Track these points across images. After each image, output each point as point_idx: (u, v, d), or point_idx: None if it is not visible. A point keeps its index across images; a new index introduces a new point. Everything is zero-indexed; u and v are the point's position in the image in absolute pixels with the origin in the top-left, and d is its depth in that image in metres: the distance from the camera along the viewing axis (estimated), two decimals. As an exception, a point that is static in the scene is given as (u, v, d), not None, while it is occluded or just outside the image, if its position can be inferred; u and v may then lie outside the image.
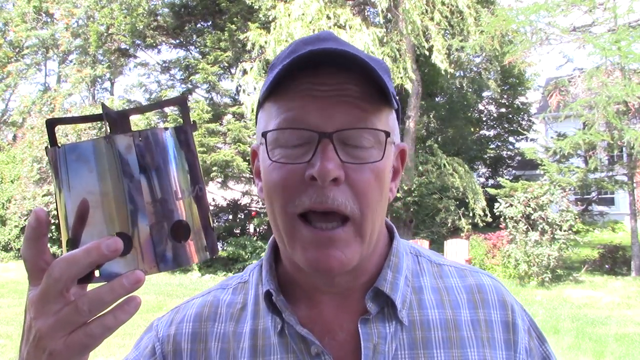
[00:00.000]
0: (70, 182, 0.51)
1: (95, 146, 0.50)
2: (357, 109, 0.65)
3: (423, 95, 16.00)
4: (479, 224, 13.66)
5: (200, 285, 11.48)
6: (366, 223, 0.66)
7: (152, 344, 0.78)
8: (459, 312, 0.75)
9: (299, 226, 0.66)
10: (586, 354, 6.24)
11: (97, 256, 0.47)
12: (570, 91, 12.85)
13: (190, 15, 17.67)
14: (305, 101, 0.65)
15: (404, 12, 12.63)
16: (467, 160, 16.65)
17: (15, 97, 23.68)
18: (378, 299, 0.72)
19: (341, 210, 0.64)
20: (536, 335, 0.81)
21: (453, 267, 0.81)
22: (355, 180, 0.65)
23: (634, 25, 11.99)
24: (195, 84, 17.25)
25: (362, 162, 0.65)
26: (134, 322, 7.02)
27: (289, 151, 0.66)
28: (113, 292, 0.48)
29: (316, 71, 0.65)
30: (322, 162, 0.62)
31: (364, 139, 0.66)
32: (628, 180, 12.19)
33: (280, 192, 0.67)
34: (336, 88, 0.65)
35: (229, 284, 0.82)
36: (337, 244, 0.65)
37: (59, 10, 21.46)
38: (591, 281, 11.21)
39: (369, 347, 0.69)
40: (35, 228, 0.50)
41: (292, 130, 0.65)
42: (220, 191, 15.13)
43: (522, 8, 12.62)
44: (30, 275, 0.51)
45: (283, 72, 0.64)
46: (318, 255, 0.65)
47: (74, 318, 0.48)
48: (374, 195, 0.66)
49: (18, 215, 15.13)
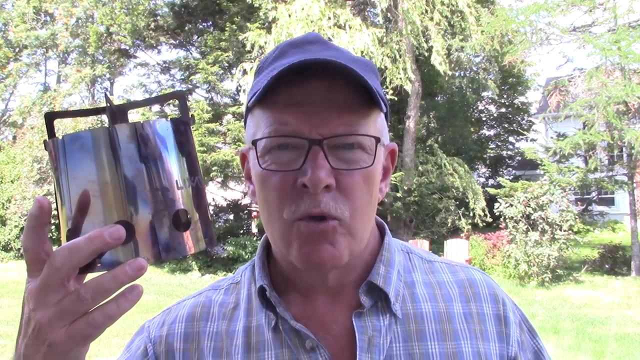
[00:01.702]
0: (71, 172, 0.51)
1: (96, 136, 0.50)
2: (345, 116, 0.66)
3: (423, 95, 16.00)
4: (479, 224, 13.66)
5: (200, 285, 11.48)
6: (355, 223, 0.67)
7: (144, 345, 0.78)
8: (452, 305, 0.76)
9: (296, 227, 0.67)
10: (586, 354, 6.24)
11: (100, 244, 0.47)
12: (570, 91, 12.86)
13: (190, 15, 17.67)
14: (294, 110, 0.66)
15: (404, 12, 12.63)
16: (467, 160, 16.64)
17: (15, 97, 23.69)
18: (371, 293, 0.73)
19: (332, 213, 0.65)
20: (527, 329, 0.82)
21: (444, 264, 0.83)
22: (345, 185, 0.66)
23: (634, 25, 11.98)
24: (195, 84, 17.25)
25: (352, 168, 0.66)
26: (134, 322, 7.02)
27: (279, 158, 0.67)
28: (116, 279, 0.47)
29: (304, 79, 0.66)
30: (314, 171, 0.63)
31: (354, 145, 0.67)
32: (628, 180, 12.19)
33: (275, 200, 0.67)
34: (324, 97, 0.65)
35: (221, 285, 0.83)
36: (329, 237, 0.66)
37: (58, 10, 21.46)
38: (591, 281, 11.21)
39: (364, 340, 0.70)
40: (37, 217, 0.50)
41: (282, 137, 0.66)
42: (220, 191, 15.13)
43: (522, 8, 12.62)
44: (30, 266, 0.51)
45: (271, 81, 0.64)
46: (312, 249, 0.66)
47: (76, 307, 0.47)
48: (364, 198, 0.68)
49: (18, 215, 15.12)
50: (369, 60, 0.74)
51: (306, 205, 0.65)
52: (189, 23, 17.82)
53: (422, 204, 14.62)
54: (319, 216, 0.65)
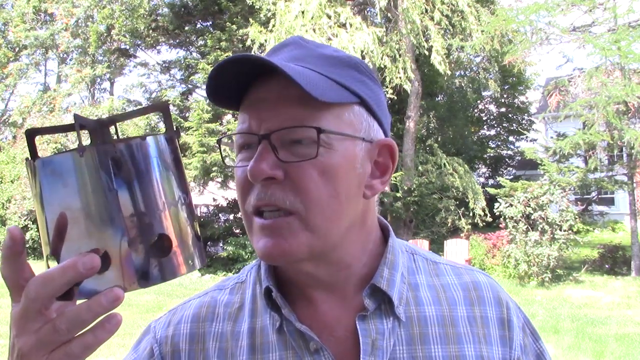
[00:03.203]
0: (46, 197, 0.49)
1: (68, 159, 0.48)
2: (294, 110, 0.67)
3: (423, 95, 16.01)
4: (479, 223, 13.66)
5: (200, 285, 11.48)
6: (313, 217, 0.67)
7: (150, 346, 0.78)
8: (455, 309, 0.76)
9: (252, 221, 0.69)
10: (586, 354, 6.24)
11: (73, 274, 0.46)
12: (570, 91, 12.86)
13: (190, 15, 17.67)
14: (251, 109, 0.69)
15: (403, 11, 12.63)
16: (467, 160, 16.65)
17: (15, 97, 23.70)
18: (375, 296, 0.73)
19: (279, 205, 0.66)
20: (530, 332, 0.83)
21: (449, 266, 0.83)
22: (295, 178, 0.67)
23: (634, 25, 11.98)
24: (196, 84, 17.26)
25: (299, 159, 0.67)
26: (134, 322, 7.02)
27: (244, 156, 0.70)
28: (91, 310, 0.47)
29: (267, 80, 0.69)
30: (255, 162, 0.65)
31: (301, 139, 0.67)
32: (628, 180, 12.19)
33: (239, 194, 0.71)
34: (277, 94, 0.68)
35: (226, 285, 0.83)
36: (281, 232, 0.67)
37: (58, 10, 21.46)
38: (591, 281, 11.21)
39: (368, 343, 0.70)
40: (10, 247, 0.49)
41: (241, 135, 0.70)
42: (220, 191, 15.13)
43: (522, 8, 12.62)
44: (12, 293, 0.51)
45: (210, 81, 0.69)
46: (265, 243, 0.68)
47: (53, 337, 0.47)
48: (321, 190, 0.67)
49: (18, 215, 15.13)
50: (345, 55, 0.74)
51: (253, 197, 0.68)
52: (189, 23, 17.83)
53: (422, 203, 14.62)
54: (267, 207, 0.67)
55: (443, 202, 14.58)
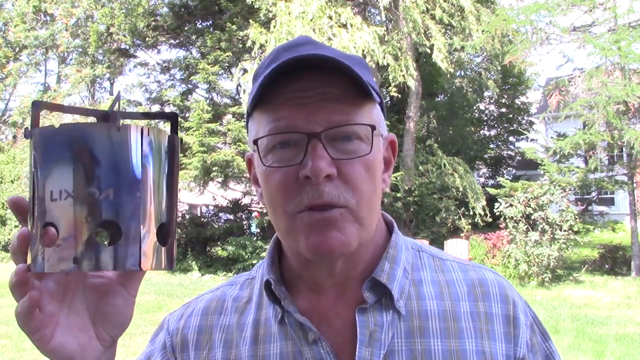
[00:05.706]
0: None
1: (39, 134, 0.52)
2: (340, 108, 0.68)
3: (423, 95, 16.01)
4: (479, 223, 13.67)
5: (200, 285, 11.48)
6: (362, 210, 0.69)
7: (163, 339, 0.82)
8: (458, 304, 0.76)
9: (299, 219, 0.68)
10: (586, 354, 6.24)
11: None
12: (570, 91, 12.86)
13: (190, 15, 17.67)
14: (290, 107, 0.68)
15: (404, 10, 12.63)
16: (467, 160, 16.65)
17: (15, 97, 23.71)
18: (375, 289, 0.74)
19: (335, 202, 0.67)
20: (539, 331, 0.82)
21: (456, 263, 0.82)
22: (347, 174, 0.68)
23: (634, 25, 11.98)
24: (196, 84, 17.26)
25: (352, 156, 0.68)
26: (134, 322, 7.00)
27: (281, 155, 0.69)
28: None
29: (298, 77, 0.68)
30: (314, 161, 0.65)
31: (351, 135, 0.68)
32: (628, 180, 12.20)
33: (280, 195, 0.69)
34: (318, 91, 0.67)
35: (238, 281, 0.86)
36: (336, 224, 0.67)
37: (58, 10, 21.47)
38: (591, 281, 11.21)
39: (365, 334, 0.71)
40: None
41: (282, 134, 0.68)
42: (221, 191, 15.14)
43: (522, 7, 12.62)
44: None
45: (265, 82, 0.67)
46: (319, 238, 0.67)
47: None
48: (367, 186, 0.69)
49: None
50: (359, 56, 0.76)
51: (309, 197, 0.66)
52: (189, 23, 17.82)
53: (422, 203, 14.62)
54: (323, 206, 0.67)
55: (443, 202, 14.59)
